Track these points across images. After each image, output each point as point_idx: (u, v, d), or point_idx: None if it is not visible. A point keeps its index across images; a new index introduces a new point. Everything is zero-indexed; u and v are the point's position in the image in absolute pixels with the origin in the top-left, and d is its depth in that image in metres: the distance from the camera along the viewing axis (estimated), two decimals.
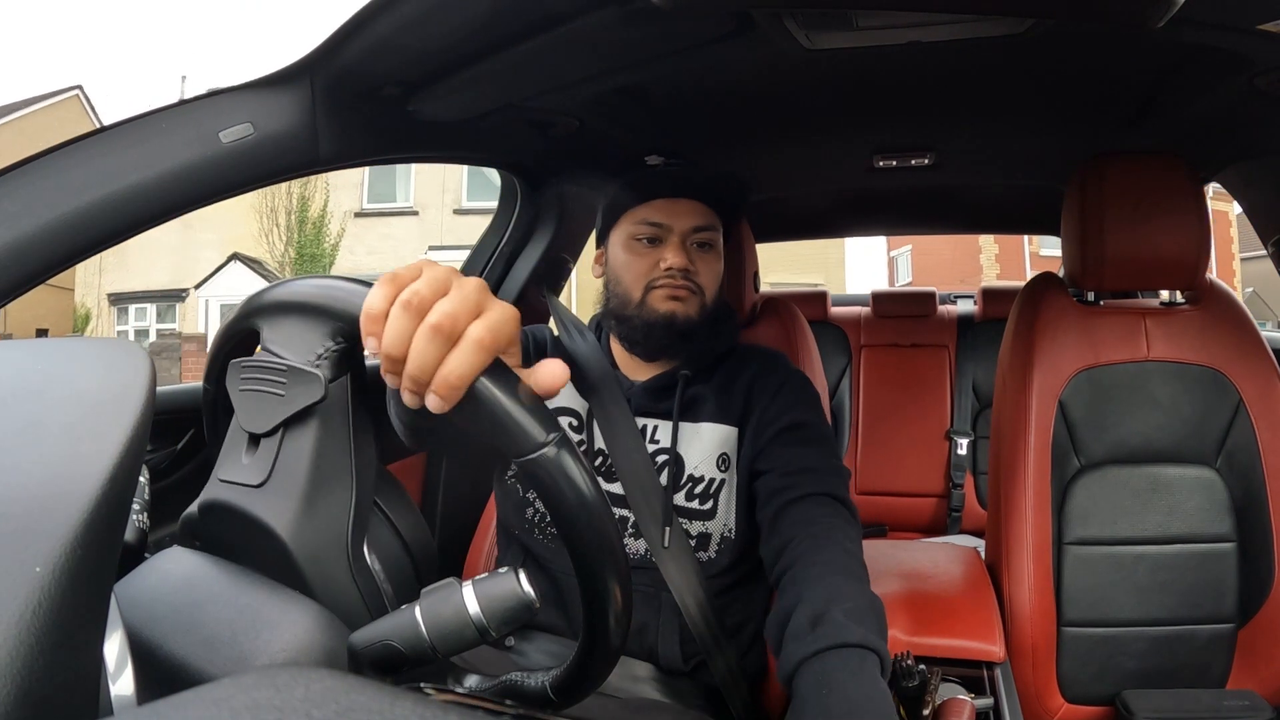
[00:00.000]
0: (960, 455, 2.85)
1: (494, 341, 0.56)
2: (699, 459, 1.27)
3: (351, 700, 0.27)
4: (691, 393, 1.30)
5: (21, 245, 0.91)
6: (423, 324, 0.55)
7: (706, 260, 1.31)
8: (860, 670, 0.89)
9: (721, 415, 1.28)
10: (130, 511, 0.75)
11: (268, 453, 0.72)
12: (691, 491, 1.26)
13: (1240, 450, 1.51)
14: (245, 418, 0.74)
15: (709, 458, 1.26)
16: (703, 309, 1.29)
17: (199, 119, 1.06)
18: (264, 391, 0.72)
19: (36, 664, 0.32)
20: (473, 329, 0.56)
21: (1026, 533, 1.50)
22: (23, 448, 0.42)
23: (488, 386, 0.57)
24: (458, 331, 0.56)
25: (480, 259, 2.01)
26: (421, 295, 0.56)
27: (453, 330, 0.55)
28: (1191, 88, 1.43)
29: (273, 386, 0.71)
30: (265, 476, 0.71)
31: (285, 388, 0.71)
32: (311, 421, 0.71)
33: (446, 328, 0.55)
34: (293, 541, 0.68)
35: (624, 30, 1.10)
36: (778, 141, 1.94)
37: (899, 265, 23.84)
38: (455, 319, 0.55)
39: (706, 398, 1.29)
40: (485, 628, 0.59)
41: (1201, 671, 1.48)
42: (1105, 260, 1.50)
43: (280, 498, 0.70)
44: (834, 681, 0.87)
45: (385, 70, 1.18)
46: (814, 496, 1.16)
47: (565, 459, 0.58)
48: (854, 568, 1.05)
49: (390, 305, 0.57)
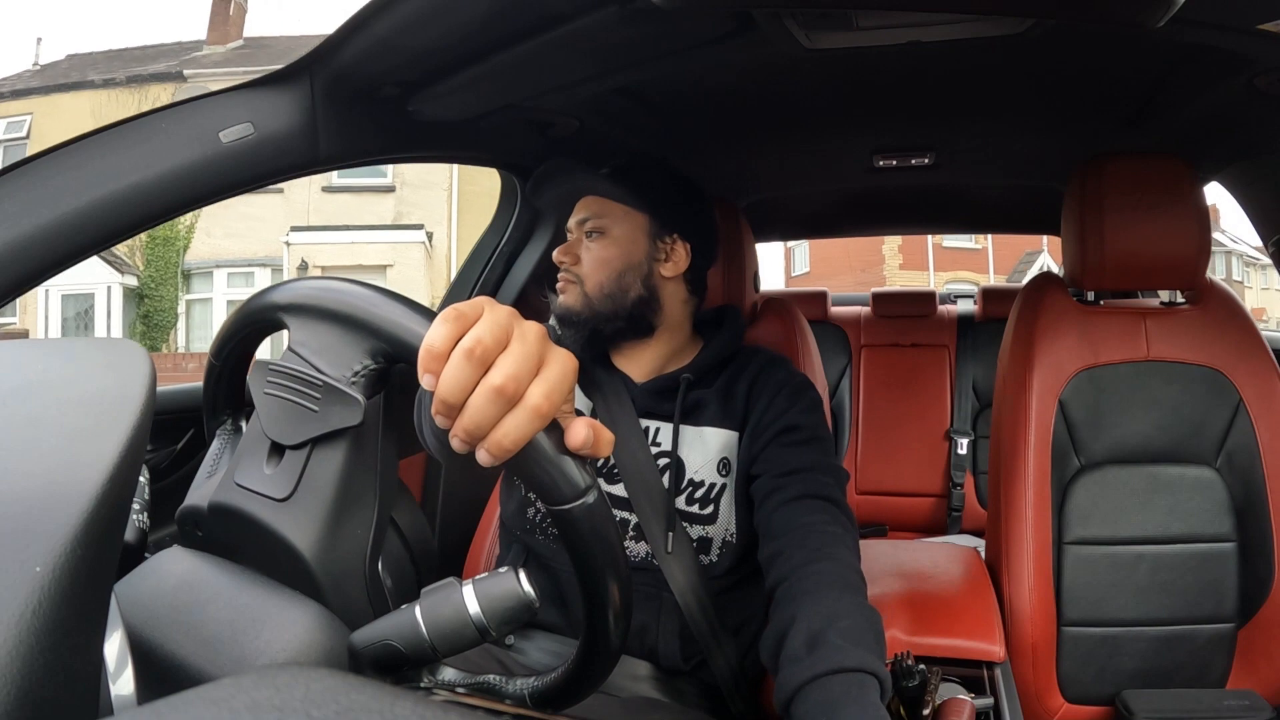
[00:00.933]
0: (960, 455, 2.86)
1: (552, 409, 0.57)
2: (700, 463, 1.26)
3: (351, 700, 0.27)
4: (694, 396, 1.29)
5: (21, 245, 0.91)
6: (485, 383, 0.55)
7: (590, 248, 1.33)
8: (860, 697, 0.88)
9: (723, 419, 1.28)
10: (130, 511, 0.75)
11: (293, 466, 0.71)
12: (692, 496, 1.26)
13: (1240, 450, 1.51)
14: (271, 425, 0.72)
15: (710, 462, 1.26)
16: (582, 297, 1.31)
17: (199, 119, 1.07)
18: (295, 403, 0.71)
19: (36, 664, 0.32)
20: (533, 393, 0.56)
21: (1026, 532, 1.50)
22: (23, 447, 0.42)
23: (535, 444, 0.57)
24: (519, 395, 0.56)
25: (480, 259, 2.01)
26: (485, 346, 0.55)
27: (515, 394, 0.55)
28: (1191, 87, 1.43)
29: (305, 399, 0.70)
30: (290, 492, 0.70)
31: (319, 404, 0.70)
32: (342, 442, 0.70)
33: (509, 391, 0.55)
34: (316, 561, 0.68)
35: (623, 30, 1.10)
36: (777, 141, 1.94)
37: (795, 256, 22.84)
38: (519, 382, 0.55)
39: (709, 401, 1.29)
40: (485, 627, 0.60)
41: (1201, 671, 1.48)
42: (1105, 260, 1.50)
43: (305, 516, 0.69)
44: (833, 710, 0.87)
45: (385, 70, 1.18)
46: (807, 499, 1.15)
47: (596, 512, 0.59)
48: (850, 578, 1.05)
49: (451, 346, 0.56)
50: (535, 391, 0.56)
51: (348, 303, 0.69)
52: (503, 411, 0.55)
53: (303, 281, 0.74)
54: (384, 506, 0.73)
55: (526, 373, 0.56)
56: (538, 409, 0.56)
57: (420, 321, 0.62)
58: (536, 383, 0.56)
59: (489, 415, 0.55)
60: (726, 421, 1.28)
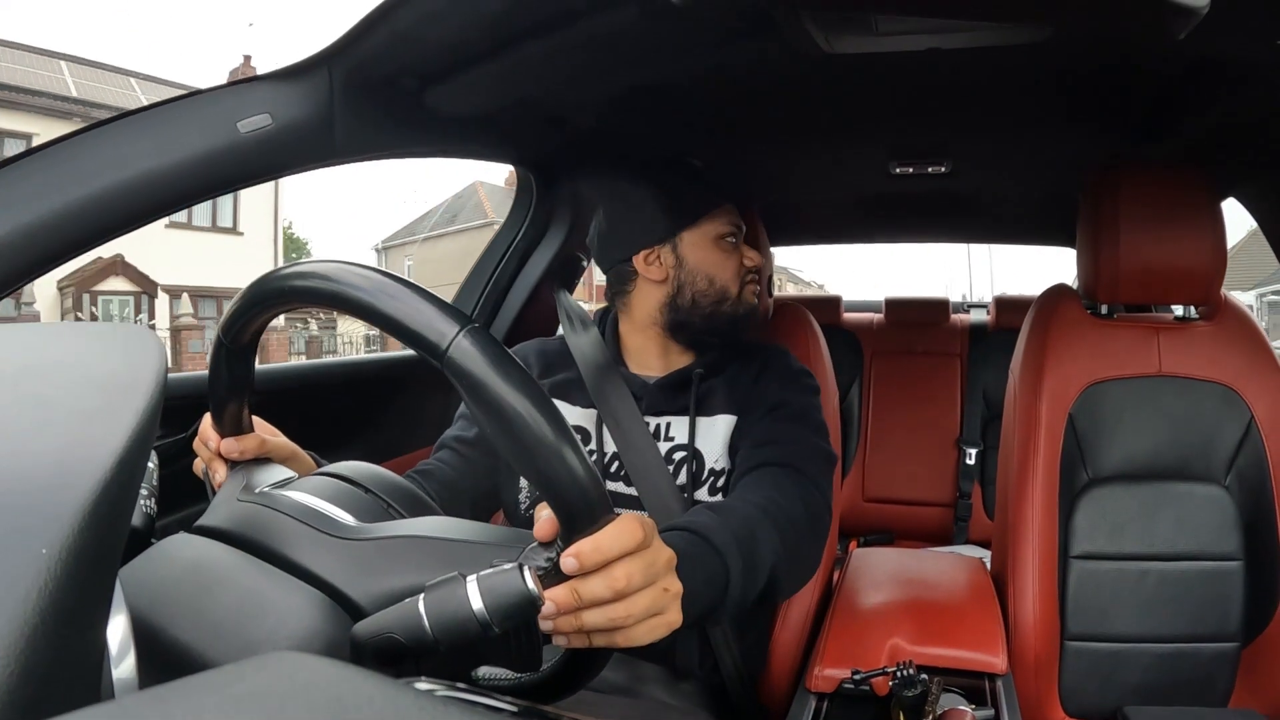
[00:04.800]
0: (969, 465, 2.84)
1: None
2: (717, 452, 1.27)
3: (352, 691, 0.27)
4: (705, 388, 1.31)
5: (35, 230, 0.91)
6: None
7: (749, 256, 1.40)
8: (697, 562, 0.85)
9: (728, 406, 1.30)
10: (138, 496, 0.75)
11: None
12: (715, 485, 1.26)
13: (1250, 468, 1.50)
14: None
15: (724, 450, 1.28)
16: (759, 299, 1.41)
17: (217, 108, 1.07)
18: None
19: (40, 644, 0.33)
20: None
21: (1032, 544, 1.49)
22: (32, 429, 0.42)
23: None
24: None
25: (495, 255, 2.01)
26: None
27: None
28: (1209, 99, 1.42)
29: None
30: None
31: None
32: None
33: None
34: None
35: (641, 28, 1.10)
36: (794, 144, 1.94)
37: None
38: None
39: (717, 391, 1.31)
40: (488, 622, 0.60)
41: (1204, 689, 1.47)
42: (1119, 273, 1.49)
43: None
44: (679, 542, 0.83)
45: (404, 63, 1.18)
46: (770, 467, 1.16)
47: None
48: (774, 514, 1.03)
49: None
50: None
51: (366, 289, 0.63)
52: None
53: (327, 263, 0.72)
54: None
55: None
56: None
57: (439, 316, 0.61)
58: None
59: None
60: (730, 407, 1.29)
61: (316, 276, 0.65)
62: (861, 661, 1.25)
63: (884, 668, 1.19)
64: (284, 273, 0.68)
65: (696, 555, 0.86)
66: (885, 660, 1.26)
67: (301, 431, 0.95)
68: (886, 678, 1.16)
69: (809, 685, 1.27)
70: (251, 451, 0.84)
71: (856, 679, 1.20)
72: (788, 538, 1.02)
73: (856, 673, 1.21)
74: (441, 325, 0.60)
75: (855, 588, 1.52)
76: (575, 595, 0.64)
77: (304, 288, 0.66)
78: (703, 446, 1.28)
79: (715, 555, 0.88)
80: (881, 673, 1.19)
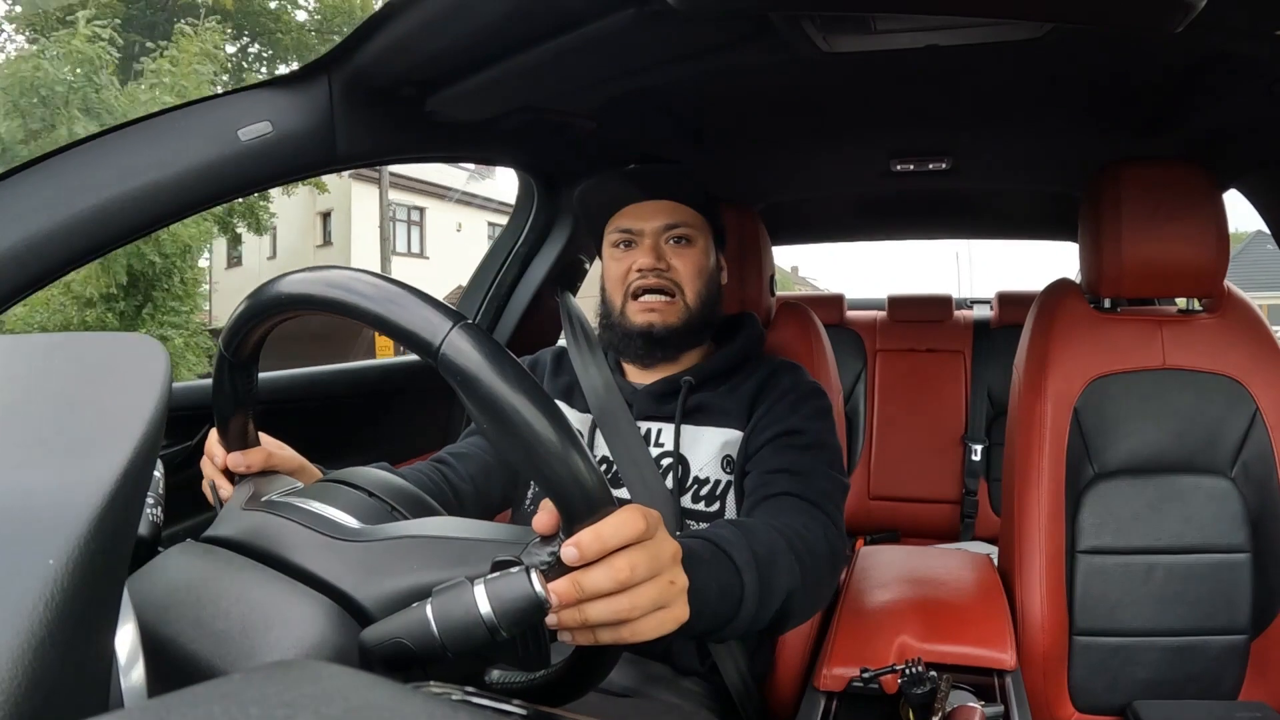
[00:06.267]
0: (974, 461, 2.83)
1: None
2: (704, 460, 1.26)
3: (361, 697, 0.27)
4: (696, 399, 1.30)
5: (39, 241, 0.92)
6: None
7: (683, 255, 1.30)
8: (711, 568, 0.83)
9: (726, 419, 1.28)
10: (145, 506, 0.75)
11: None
12: (698, 494, 1.26)
13: (1256, 460, 1.49)
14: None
15: (714, 459, 1.26)
16: (684, 312, 1.29)
17: (218, 117, 1.07)
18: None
19: (48, 655, 0.33)
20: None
21: (1039, 540, 1.49)
22: (38, 441, 0.42)
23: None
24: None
25: (496, 259, 2.01)
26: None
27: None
28: (1209, 93, 1.41)
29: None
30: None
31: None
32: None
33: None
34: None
35: (640, 33, 1.10)
36: (795, 144, 1.94)
37: None
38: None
39: (711, 403, 1.29)
40: (496, 627, 0.60)
41: (1213, 682, 1.47)
42: (1122, 267, 1.49)
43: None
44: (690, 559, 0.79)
45: (403, 70, 1.18)
46: (789, 497, 1.12)
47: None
48: (795, 543, 0.99)
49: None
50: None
51: (360, 292, 0.63)
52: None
53: (321, 270, 0.72)
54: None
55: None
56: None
57: (434, 313, 0.61)
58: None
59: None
60: (731, 421, 1.28)
61: (311, 283, 0.66)
62: (870, 660, 1.24)
63: (892, 666, 1.18)
64: (280, 282, 0.69)
65: (711, 560, 0.84)
66: (894, 658, 1.26)
67: (306, 440, 0.95)
68: (895, 676, 1.16)
69: (818, 684, 1.26)
70: (258, 465, 0.84)
71: (865, 677, 1.20)
72: (808, 569, 0.99)
73: (865, 671, 1.21)
74: (434, 323, 0.60)
75: (862, 586, 1.51)
76: (577, 587, 0.62)
77: (300, 295, 0.66)
78: (688, 453, 1.27)
79: (730, 565, 0.86)
80: (890, 671, 1.18)
